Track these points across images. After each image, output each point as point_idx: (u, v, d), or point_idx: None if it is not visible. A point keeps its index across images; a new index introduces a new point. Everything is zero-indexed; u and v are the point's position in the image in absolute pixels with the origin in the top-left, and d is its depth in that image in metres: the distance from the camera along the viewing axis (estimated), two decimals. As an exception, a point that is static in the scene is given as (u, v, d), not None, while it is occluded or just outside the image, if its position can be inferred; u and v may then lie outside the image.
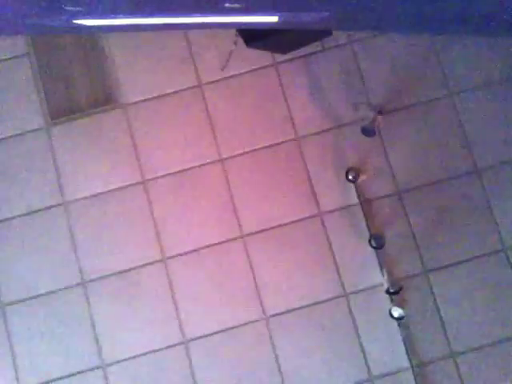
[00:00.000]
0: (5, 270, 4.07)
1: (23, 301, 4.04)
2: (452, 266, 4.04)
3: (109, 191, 4.13)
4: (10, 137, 4.19)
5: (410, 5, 1.95)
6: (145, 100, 4.22)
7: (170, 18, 2.46)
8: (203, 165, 4.16)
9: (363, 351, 3.98)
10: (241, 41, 3.66)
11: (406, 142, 4.16)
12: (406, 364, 3.94)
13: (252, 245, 4.08)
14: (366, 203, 4.09)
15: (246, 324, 4.01)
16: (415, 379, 3.91)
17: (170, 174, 4.15)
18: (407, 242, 4.07)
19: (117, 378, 3.98)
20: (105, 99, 4.22)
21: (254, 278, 4.05)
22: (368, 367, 3.97)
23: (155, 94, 4.22)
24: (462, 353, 3.97)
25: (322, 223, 4.10)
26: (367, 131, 4.08)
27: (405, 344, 3.95)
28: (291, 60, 4.23)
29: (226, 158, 4.16)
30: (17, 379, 3.99)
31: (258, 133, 4.18)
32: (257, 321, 4.02)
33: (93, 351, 4.00)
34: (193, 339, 4.00)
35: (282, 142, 4.17)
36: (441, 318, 4.00)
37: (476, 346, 3.97)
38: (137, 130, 4.19)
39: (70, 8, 1.94)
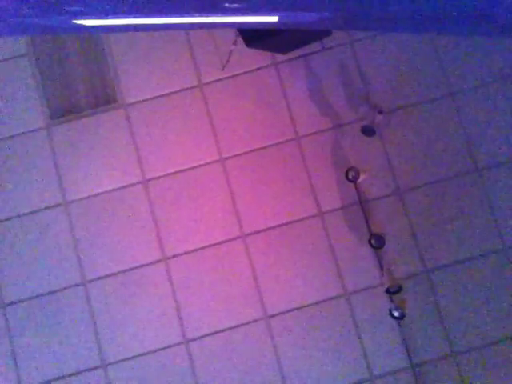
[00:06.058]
0: (5, 270, 4.07)
1: (23, 301, 4.04)
2: (452, 265, 4.05)
3: (109, 191, 4.14)
4: (10, 137, 4.19)
5: (410, 5, 1.95)
6: (145, 100, 4.22)
7: (170, 18, 2.46)
8: (203, 165, 4.16)
9: (363, 351, 3.98)
10: (241, 41, 3.67)
11: (406, 141, 4.16)
12: (406, 364, 3.95)
13: (252, 245, 4.08)
14: (365, 203, 4.09)
15: (245, 324, 4.01)
16: (415, 379, 3.92)
17: (169, 173, 4.15)
18: (407, 241, 4.07)
19: (117, 378, 3.98)
20: (105, 99, 4.22)
21: (254, 278, 4.05)
22: (368, 367, 3.97)
23: (155, 94, 4.22)
24: (462, 353, 3.97)
25: (322, 223, 4.10)
26: (367, 131, 4.08)
27: (405, 344, 3.95)
28: (291, 60, 4.23)
29: (226, 158, 4.16)
30: (17, 379, 3.99)
31: (257, 133, 4.18)
32: (257, 321, 4.02)
33: (93, 351, 4.00)
34: (193, 339, 4.01)
35: (282, 142, 4.17)
36: (441, 317, 4.00)
37: (476, 346, 3.97)
38: (137, 129, 4.19)
39: (70, 8, 1.94)
